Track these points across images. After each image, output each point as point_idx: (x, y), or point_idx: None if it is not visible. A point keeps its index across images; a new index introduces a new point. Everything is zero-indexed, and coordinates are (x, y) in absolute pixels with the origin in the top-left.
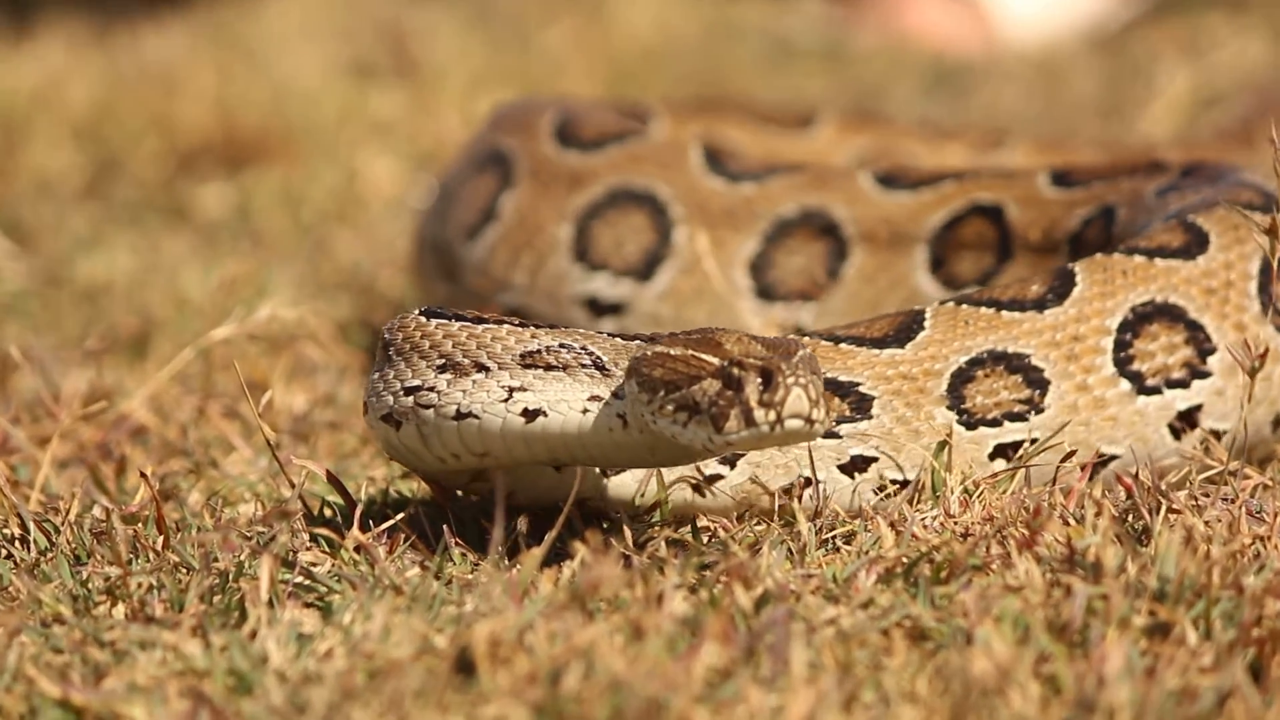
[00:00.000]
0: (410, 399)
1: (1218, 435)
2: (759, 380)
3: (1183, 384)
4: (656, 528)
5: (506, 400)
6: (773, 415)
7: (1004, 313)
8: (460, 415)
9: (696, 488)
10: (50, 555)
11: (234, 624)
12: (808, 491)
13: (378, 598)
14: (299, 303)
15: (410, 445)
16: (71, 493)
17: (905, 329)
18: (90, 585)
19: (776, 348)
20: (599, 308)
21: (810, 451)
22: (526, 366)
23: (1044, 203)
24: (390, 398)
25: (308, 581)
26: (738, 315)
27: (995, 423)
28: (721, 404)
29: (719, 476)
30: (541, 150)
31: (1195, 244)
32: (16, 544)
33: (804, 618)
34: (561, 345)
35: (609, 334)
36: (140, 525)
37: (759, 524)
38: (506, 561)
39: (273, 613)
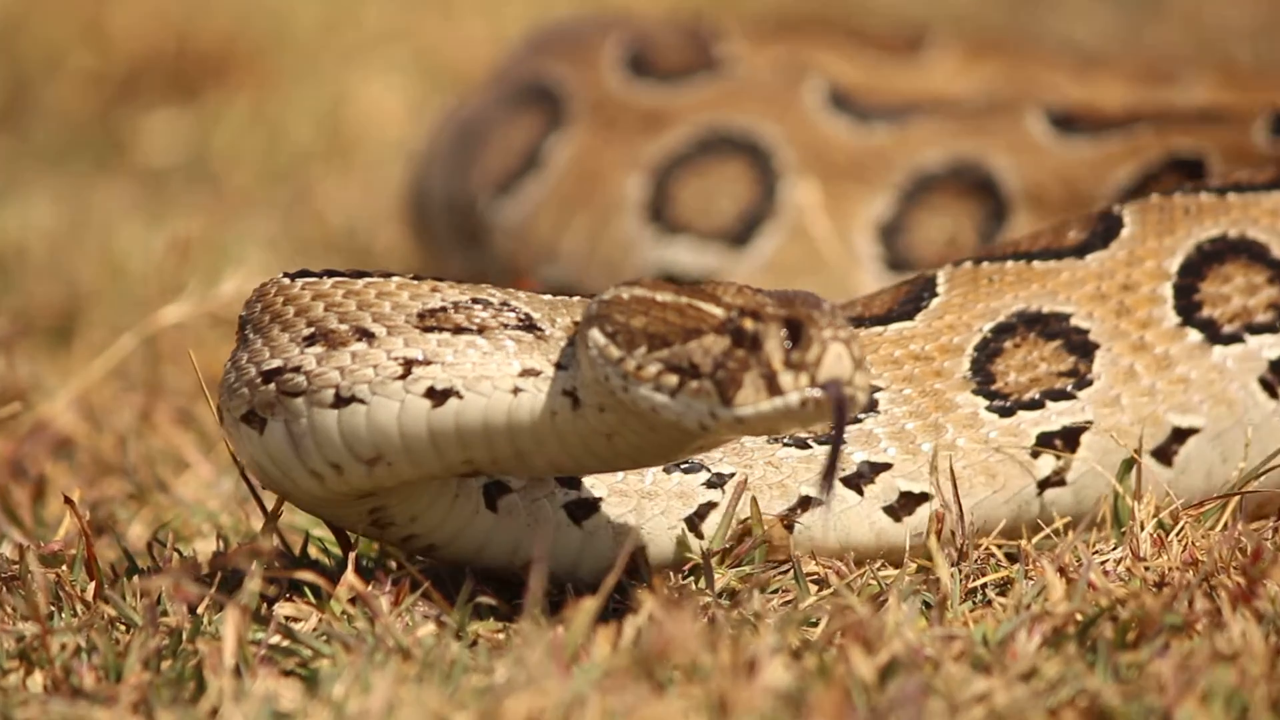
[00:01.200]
0: (271, 385)
1: None
2: (784, 335)
3: (1271, 328)
4: (747, 573)
5: (403, 377)
6: (805, 380)
7: (1035, 264)
8: (340, 400)
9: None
10: None
11: (188, 698)
12: (807, 516)
13: (379, 664)
14: (273, 272)
15: (277, 454)
16: None
17: (913, 299)
18: None
19: (794, 299)
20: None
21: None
22: (427, 330)
23: (1257, 158)
24: (247, 389)
25: (287, 643)
26: (856, 292)
27: (1035, 405)
28: (731, 366)
29: (710, 506)
30: (605, 82)
31: None
32: None
33: (943, 693)
34: (475, 300)
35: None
36: (65, 568)
37: (883, 568)
38: (549, 617)
39: (240, 684)
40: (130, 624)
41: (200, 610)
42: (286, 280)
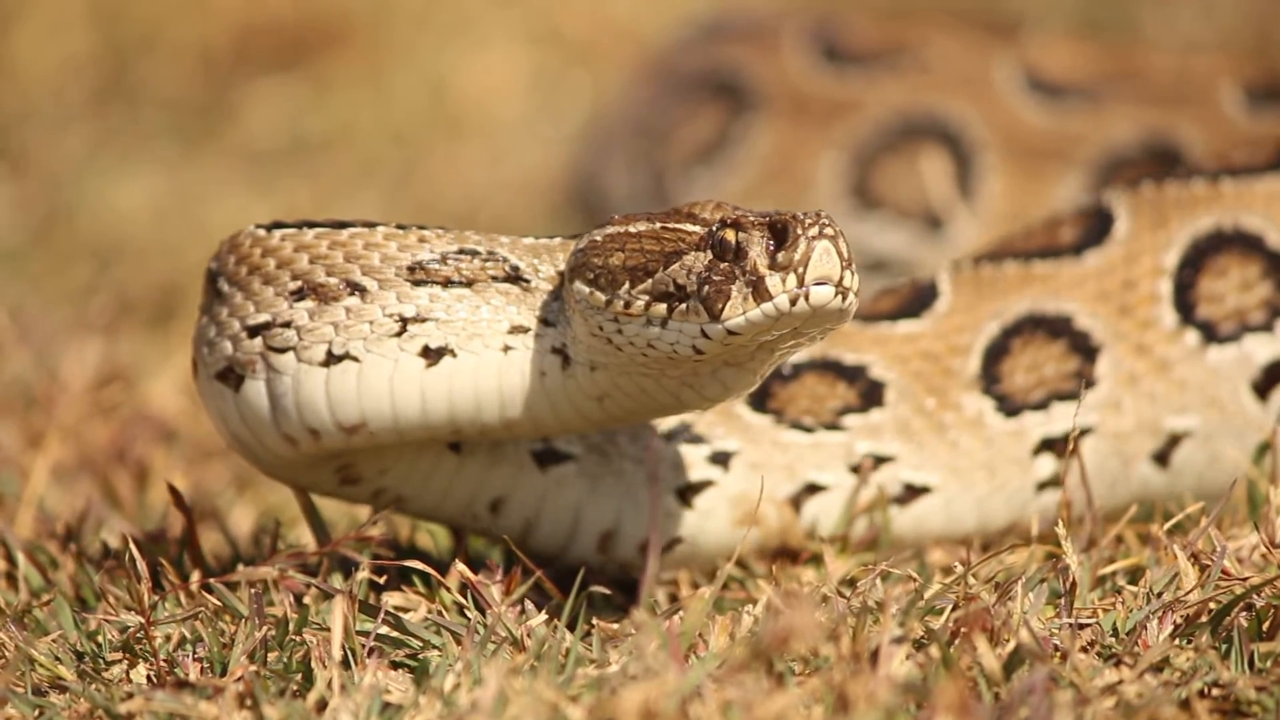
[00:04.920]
0: (258, 340)
1: None
2: (767, 239)
3: (1265, 328)
4: (868, 560)
5: (399, 334)
6: (793, 281)
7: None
8: (332, 359)
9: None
10: (47, 597)
11: (295, 690)
12: (815, 501)
13: (490, 655)
14: None
15: (252, 415)
16: (75, 511)
17: (917, 301)
18: (101, 639)
19: (777, 212)
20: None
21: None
22: (418, 284)
23: None
24: (228, 343)
25: (395, 633)
26: None
27: (1041, 406)
28: (717, 279)
29: (708, 483)
30: (794, 70)
31: None
32: (2, 581)
33: (1072, 683)
34: (462, 250)
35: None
36: (167, 556)
37: (1011, 552)
38: (665, 606)
39: (348, 675)
40: (235, 614)
41: (307, 600)
42: (261, 231)
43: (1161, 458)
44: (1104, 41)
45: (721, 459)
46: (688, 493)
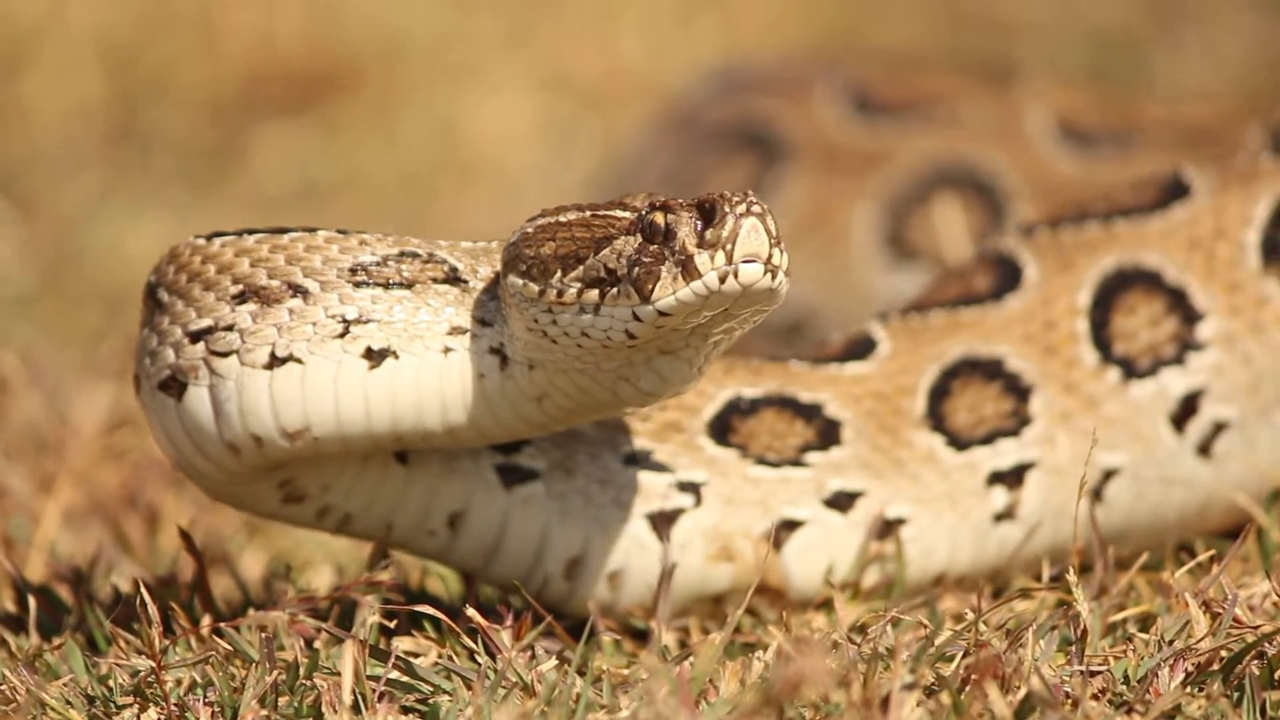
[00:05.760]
0: (201, 345)
1: (1219, 427)
2: (695, 219)
3: (1177, 361)
4: (879, 607)
5: (342, 336)
6: (721, 259)
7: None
8: (276, 361)
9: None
10: (58, 641)
11: None
12: (795, 537)
13: (501, 700)
14: None
15: (195, 425)
16: (86, 555)
17: (858, 347)
18: (112, 683)
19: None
20: None
21: None
22: (359, 285)
23: None
24: (171, 351)
25: (406, 678)
26: None
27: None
28: (646, 261)
29: (679, 511)
30: (824, 121)
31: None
32: (13, 625)
33: None
34: (403, 253)
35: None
36: (178, 600)
37: (1022, 599)
38: (675, 651)
39: (358, 719)
40: (246, 659)
41: (317, 645)
42: (201, 240)
43: (1096, 493)
44: (1126, 89)
45: (690, 488)
46: (659, 521)
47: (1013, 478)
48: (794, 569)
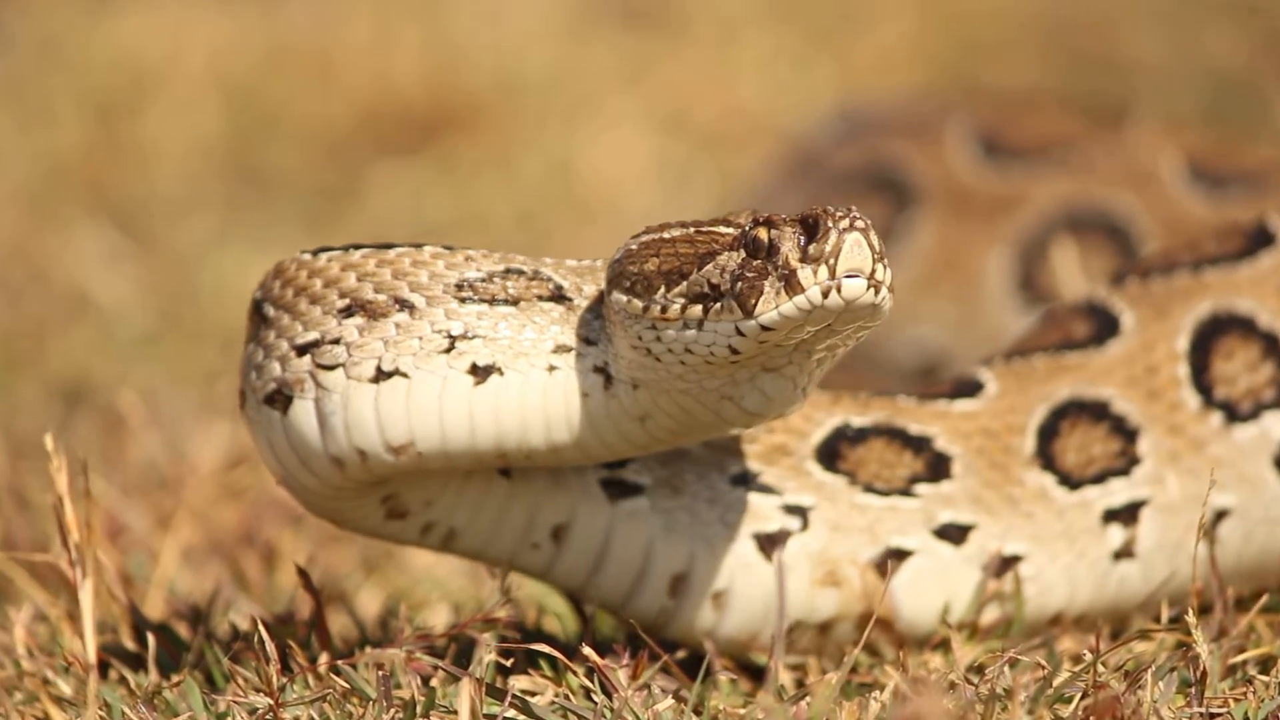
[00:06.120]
0: (307, 359)
1: None
2: (799, 233)
3: (1277, 405)
4: (996, 647)
5: (448, 351)
6: (824, 273)
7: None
8: (382, 375)
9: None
10: (176, 679)
11: None
12: (907, 566)
13: None
14: None
15: (300, 439)
16: (204, 593)
17: (966, 387)
18: (230, 719)
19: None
20: None
21: None
22: (464, 301)
23: None
24: (277, 364)
25: (522, 717)
26: None
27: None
28: (750, 276)
29: (786, 534)
30: (955, 164)
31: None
32: (132, 663)
33: None
34: (509, 270)
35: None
36: (296, 638)
37: (1141, 640)
38: (791, 690)
39: None
40: (363, 696)
41: (434, 683)
42: (307, 256)
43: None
44: (1244, 131)
45: (797, 511)
46: (766, 544)
47: (1127, 515)
48: (903, 599)
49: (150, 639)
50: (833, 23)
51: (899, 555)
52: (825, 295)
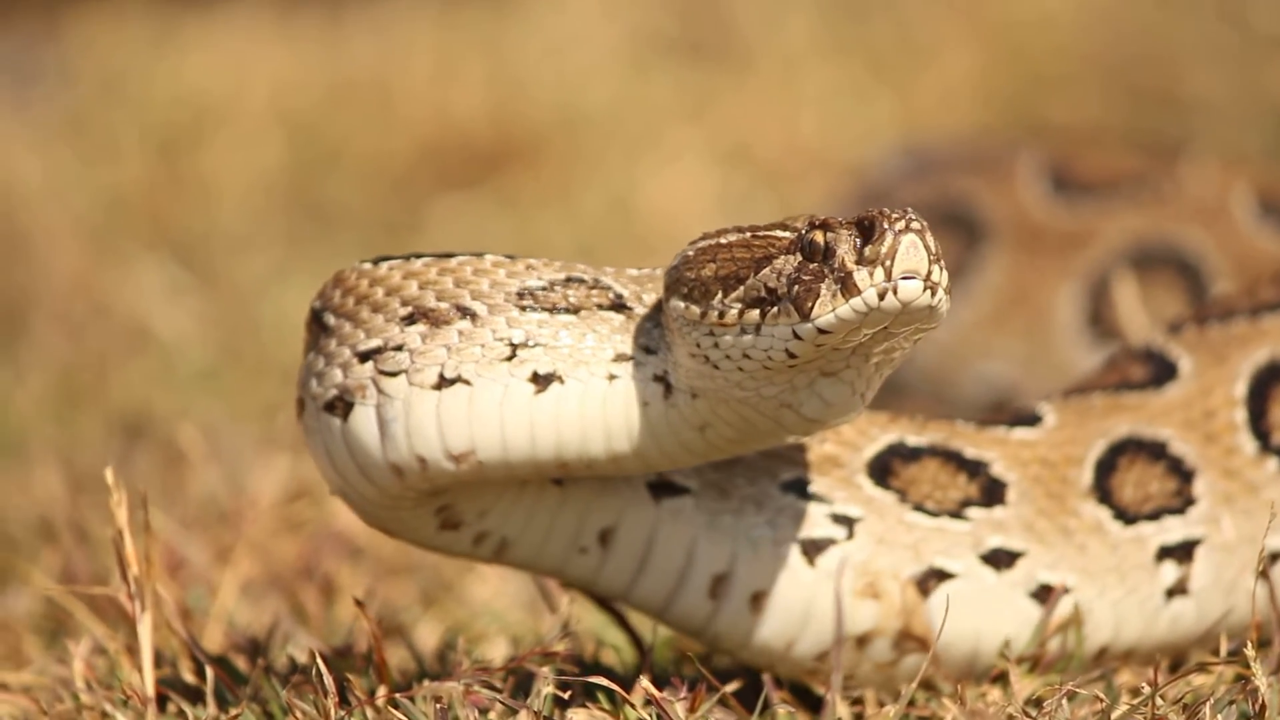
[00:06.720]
0: (369, 365)
1: None
2: (854, 236)
3: None
4: (1054, 680)
5: (510, 359)
6: (880, 275)
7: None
8: (444, 382)
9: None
10: (235, 712)
11: None
12: (944, 588)
13: None
14: None
15: (360, 446)
16: (263, 626)
17: (1025, 418)
18: None
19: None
20: None
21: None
22: (525, 309)
23: None
24: (339, 371)
25: None
26: None
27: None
28: (806, 279)
29: (830, 541)
30: (1026, 200)
31: None
32: (190, 696)
33: None
34: (569, 279)
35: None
36: (354, 671)
37: (1199, 674)
38: None
39: None
40: None
41: (492, 716)
42: (368, 265)
43: (1265, 573)
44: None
45: (844, 521)
46: (810, 549)
47: (1182, 552)
48: (939, 621)
49: (209, 672)
50: (895, 58)
51: (941, 576)
52: (881, 297)
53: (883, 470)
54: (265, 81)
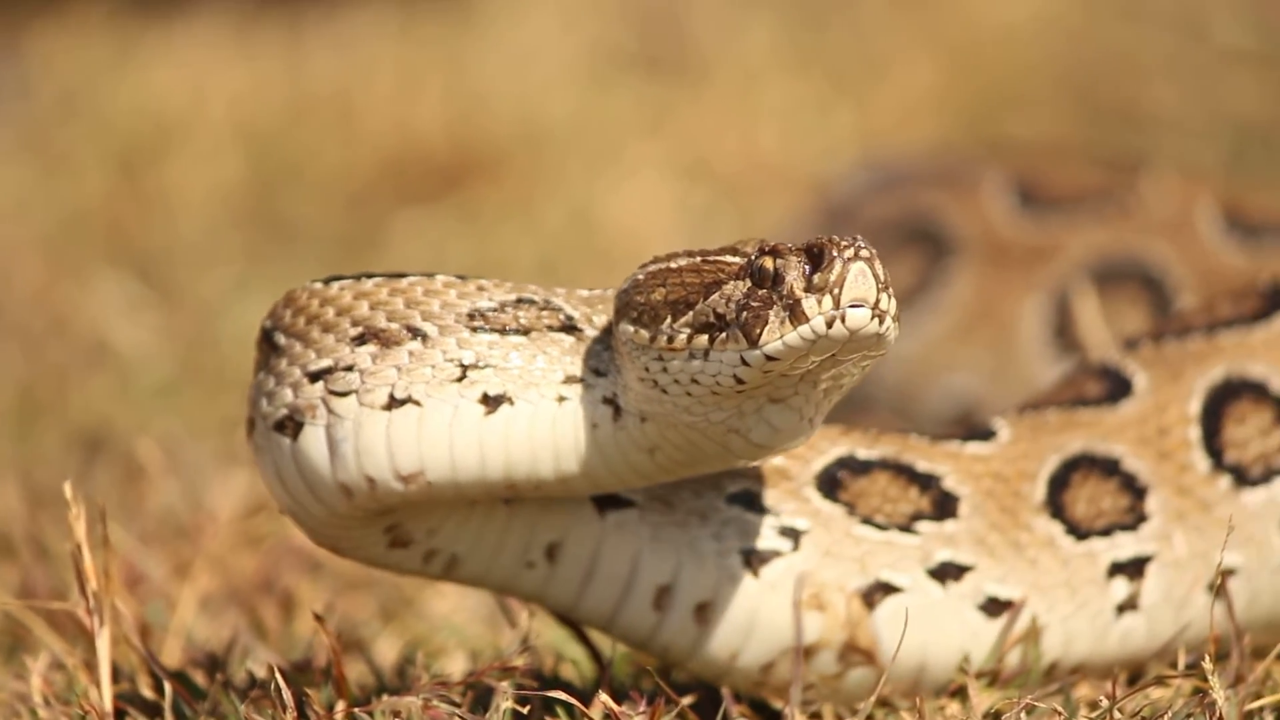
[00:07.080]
0: (319, 385)
1: None
2: (804, 263)
3: None
4: (1013, 694)
5: (460, 380)
6: (829, 303)
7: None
8: (394, 402)
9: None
10: None
11: None
12: (889, 601)
13: None
14: None
15: (309, 466)
16: (222, 641)
17: (979, 432)
18: None
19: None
20: None
21: None
22: (476, 330)
23: None
24: (289, 390)
25: None
26: None
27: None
28: (755, 305)
29: (775, 553)
30: (991, 215)
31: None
32: (149, 711)
33: None
34: (520, 300)
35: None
36: (313, 686)
37: (1157, 687)
38: None
39: None
40: None
41: None
42: (319, 285)
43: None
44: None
45: (790, 533)
46: (754, 559)
47: (1133, 569)
48: (884, 634)
49: (167, 687)
50: (854, 72)
51: (887, 589)
52: (829, 325)
53: (831, 484)
54: (225, 96)
